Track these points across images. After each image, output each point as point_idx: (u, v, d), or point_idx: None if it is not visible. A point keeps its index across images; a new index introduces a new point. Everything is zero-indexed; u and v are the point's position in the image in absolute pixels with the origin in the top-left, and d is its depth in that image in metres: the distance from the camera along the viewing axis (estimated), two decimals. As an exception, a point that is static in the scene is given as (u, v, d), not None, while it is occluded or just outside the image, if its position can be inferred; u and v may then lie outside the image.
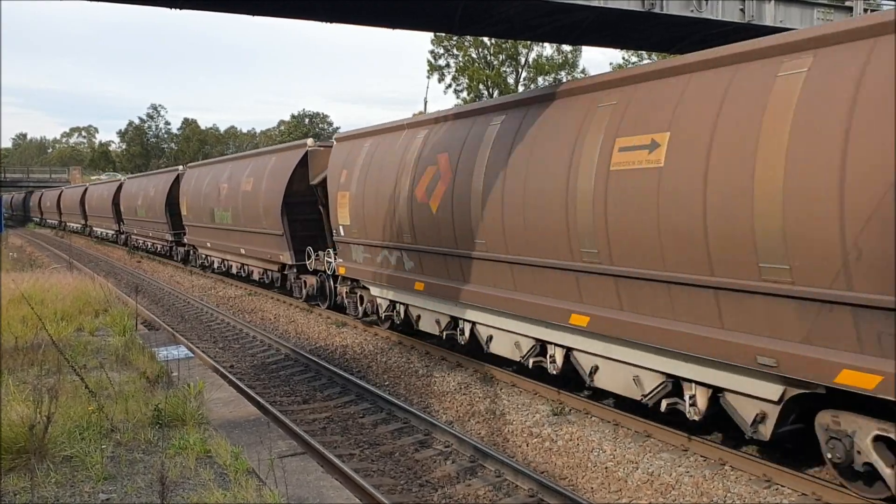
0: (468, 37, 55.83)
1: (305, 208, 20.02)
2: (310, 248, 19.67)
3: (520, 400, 11.55)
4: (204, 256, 29.36)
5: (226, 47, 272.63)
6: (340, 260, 17.66)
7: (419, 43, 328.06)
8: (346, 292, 17.84)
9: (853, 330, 6.89)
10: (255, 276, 24.14)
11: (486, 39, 58.43)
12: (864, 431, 7.25)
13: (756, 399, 8.10)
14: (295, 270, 20.82)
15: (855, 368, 6.87)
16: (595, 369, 10.32)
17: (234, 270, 26.23)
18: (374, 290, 16.34)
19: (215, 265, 28.28)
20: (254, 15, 12.62)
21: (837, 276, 6.87)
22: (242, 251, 24.14)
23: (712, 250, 7.98)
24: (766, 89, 7.62)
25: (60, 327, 13.90)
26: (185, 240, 31.11)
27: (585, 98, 10.32)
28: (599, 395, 11.18)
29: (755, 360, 7.69)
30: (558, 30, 14.33)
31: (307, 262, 19.69)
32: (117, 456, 7.72)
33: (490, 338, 12.55)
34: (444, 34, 56.03)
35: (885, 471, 7.08)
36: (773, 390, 7.87)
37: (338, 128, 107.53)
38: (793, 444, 8.86)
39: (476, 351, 13.26)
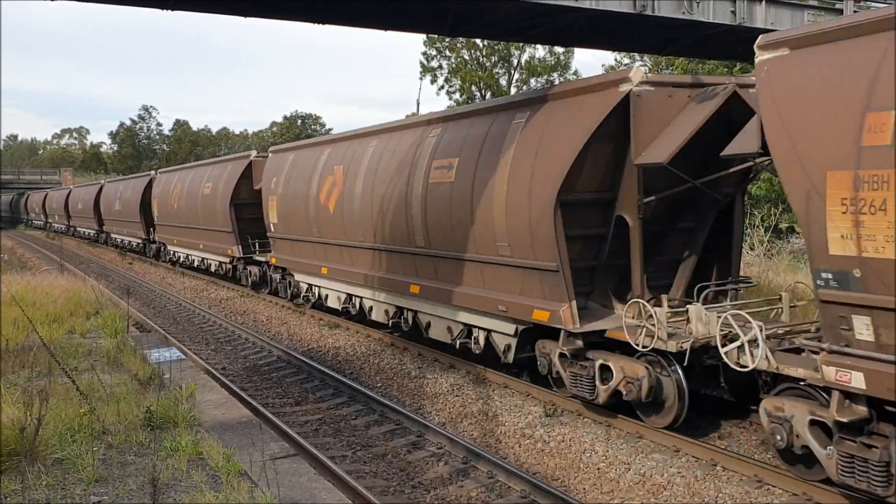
0: (460, 38, 55.88)
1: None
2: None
3: (512, 401, 11.56)
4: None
5: (218, 49, 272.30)
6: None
7: (413, 44, 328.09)
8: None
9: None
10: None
11: (478, 41, 58.48)
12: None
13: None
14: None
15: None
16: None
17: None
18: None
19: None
20: (246, 16, 12.59)
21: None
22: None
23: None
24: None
25: (51, 329, 13.85)
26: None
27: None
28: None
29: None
30: (550, 31, 14.35)
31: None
32: (109, 458, 7.70)
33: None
34: (436, 36, 56.07)
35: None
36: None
37: (330, 129, 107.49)
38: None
39: (460, 352, 13.28)
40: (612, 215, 10.64)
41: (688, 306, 9.40)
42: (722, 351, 8.51)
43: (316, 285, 18.92)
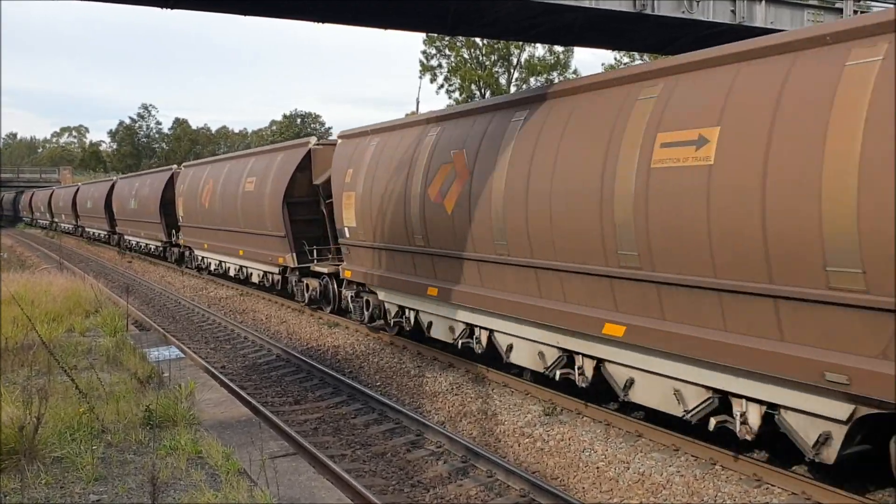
0: (460, 37, 55.86)
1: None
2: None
3: (511, 400, 11.57)
4: (200, 258, 28.84)
5: (218, 47, 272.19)
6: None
7: (412, 44, 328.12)
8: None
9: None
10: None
11: (477, 40, 58.48)
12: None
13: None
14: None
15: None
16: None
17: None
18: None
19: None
20: (246, 15, 12.61)
21: None
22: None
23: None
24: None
25: (51, 328, 13.84)
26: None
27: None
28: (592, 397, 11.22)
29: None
30: (550, 31, 14.36)
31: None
32: (108, 457, 7.70)
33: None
34: (436, 35, 56.05)
35: None
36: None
37: (329, 128, 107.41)
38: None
39: (473, 353, 13.25)
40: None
41: None
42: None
43: (413, 308, 14.70)
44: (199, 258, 28.89)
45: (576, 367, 10.49)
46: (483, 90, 60.87)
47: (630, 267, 9.05)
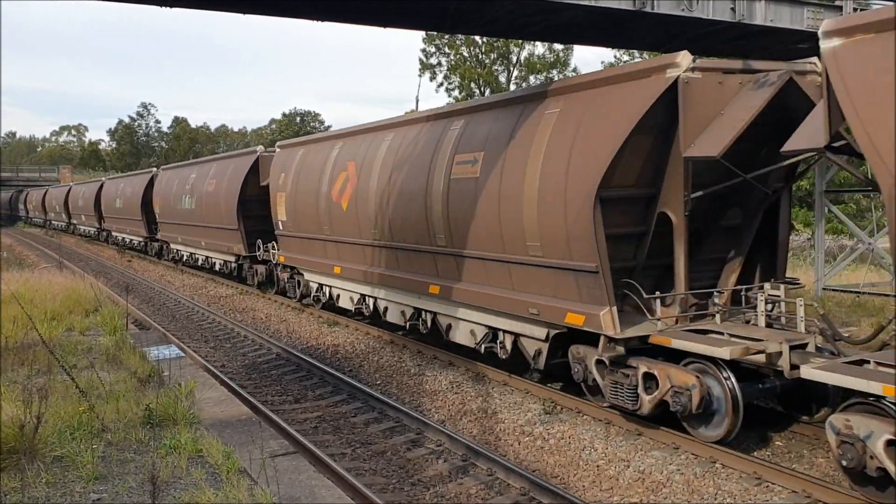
0: (460, 36, 55.84)
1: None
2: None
3: (511, 399, 11.57)
4: (175, 251, 32.15)
5: (218, 46, 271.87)
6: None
7: (412, 42, 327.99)
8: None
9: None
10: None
11: (477, 38, 58.45)
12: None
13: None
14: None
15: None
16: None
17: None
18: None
19: (184, 258, 30.99)
20: (245, 13, 12.58)
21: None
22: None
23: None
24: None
25: (51, 327, 13.85)
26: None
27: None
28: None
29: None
30: (549, 29, 14.34)
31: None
32: (108, 456, 7.70)
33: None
34: (435, 33, 56.03)
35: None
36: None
37: (329, 126, 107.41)
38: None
39: (447, 344, 13.28)
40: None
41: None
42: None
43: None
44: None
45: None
46: (483, 88, 60.86)
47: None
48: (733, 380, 8.74)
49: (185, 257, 30.84)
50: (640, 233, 10.21)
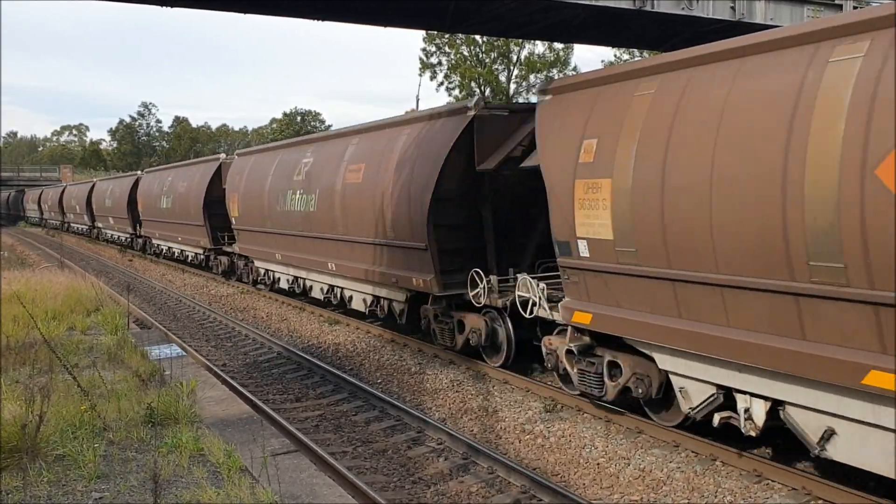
0: (460, 35, 55.82)
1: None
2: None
3: (512, 397, 11.58)
4: (156, 245, 35.44)
5: (218, 46, 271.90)
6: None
7: (412, 41, 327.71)
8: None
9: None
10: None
11: (477, 37, 58.42)
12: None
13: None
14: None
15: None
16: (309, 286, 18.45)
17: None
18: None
19: (163, 251, 34.37)
20: (246, 13, 12.62)
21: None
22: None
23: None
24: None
25: (52, 326, 13.86)
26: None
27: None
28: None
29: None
30: (549, 27, 14.37)
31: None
32: (110, 454, 7.72)
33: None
34: (436, 32, 56.02)
35: None
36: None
37: (330, 125, 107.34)
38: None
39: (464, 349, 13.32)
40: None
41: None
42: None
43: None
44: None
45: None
46: (483, 87, 60.85)
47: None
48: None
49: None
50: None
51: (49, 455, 7.45)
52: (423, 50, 62.60)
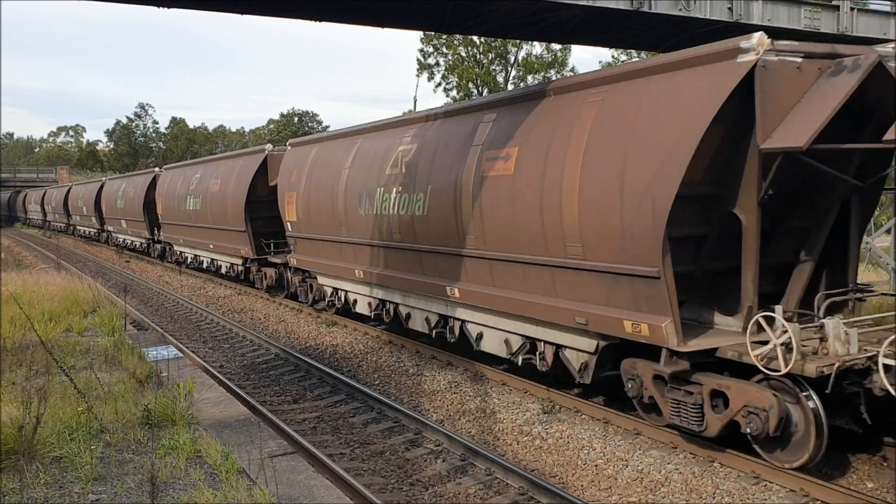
0: (457, 35, 55.82)
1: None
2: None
3: (510, 398, 11.57)
4: (178, 252, 31.65)
5: (215, 46, 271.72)
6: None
7: (409, 42, 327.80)
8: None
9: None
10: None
11: (475, 38, 58.43)
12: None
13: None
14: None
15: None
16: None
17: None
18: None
19: (188, 260, 30.22)
20: (243, 14, 12.60)
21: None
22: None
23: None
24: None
25: (49, 328, 13.83)
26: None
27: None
28: (590, 393, 11.24)
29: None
30: (547, 28, 14.37)
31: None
32: (107, 456, 7.70)
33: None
34: (433, 33, 56.02)
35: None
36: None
37: (327, 126, 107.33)
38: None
39: (465, 348, 13.28)
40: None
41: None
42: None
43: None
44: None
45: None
46: (480, 88, 60.84)
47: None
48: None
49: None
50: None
51: (46, 457, 7.43)
52: (421, 51, 62.57)
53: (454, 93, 61.79)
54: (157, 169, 36.66)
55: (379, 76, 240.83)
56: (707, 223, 9.07)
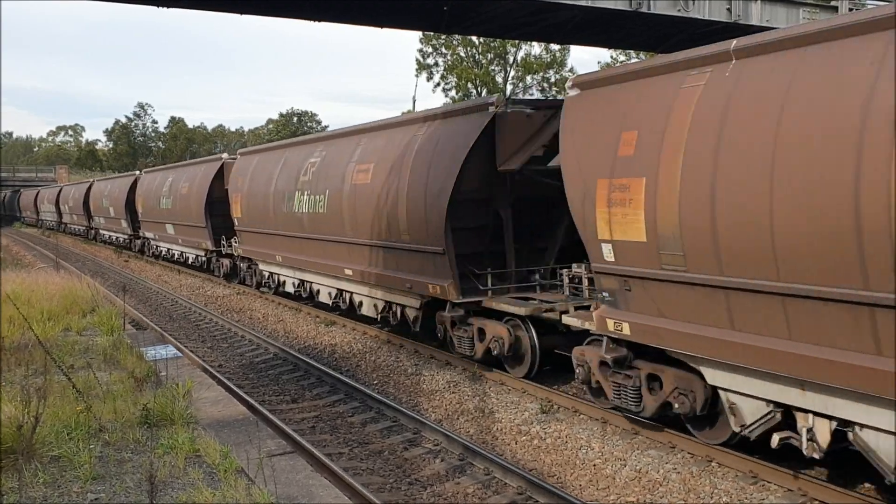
0: (456, 36, 55.82)
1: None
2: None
3: (508, 398, 11.58)
4: (155, 246, 35.08)
5: (212, 46, 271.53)
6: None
7: (408, 42, 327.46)
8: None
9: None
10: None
11: (474, 38, 58.44)
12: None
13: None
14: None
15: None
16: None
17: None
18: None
19: (162, 253, 33.85)
20: (242, 13, 12.62)
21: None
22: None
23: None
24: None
25: (47, 327, 13.83)
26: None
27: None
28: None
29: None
30: (546, 28, 14.40)
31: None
32: (106, 456, 7.70)
33: (318, 291, 18.43)
34: (432, 33, 56.03)
35: None
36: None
37: (326, 126, 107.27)
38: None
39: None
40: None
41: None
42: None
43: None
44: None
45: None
46: (479, 88, 60.85)
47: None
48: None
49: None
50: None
51: (45, 456, 7.43)
52: (420, 51, 62.61)
53: (453, 93, 61.82)
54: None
55: (377, 76, 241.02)
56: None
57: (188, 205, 27.73)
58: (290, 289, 20.10)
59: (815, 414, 7.32)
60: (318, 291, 18.35)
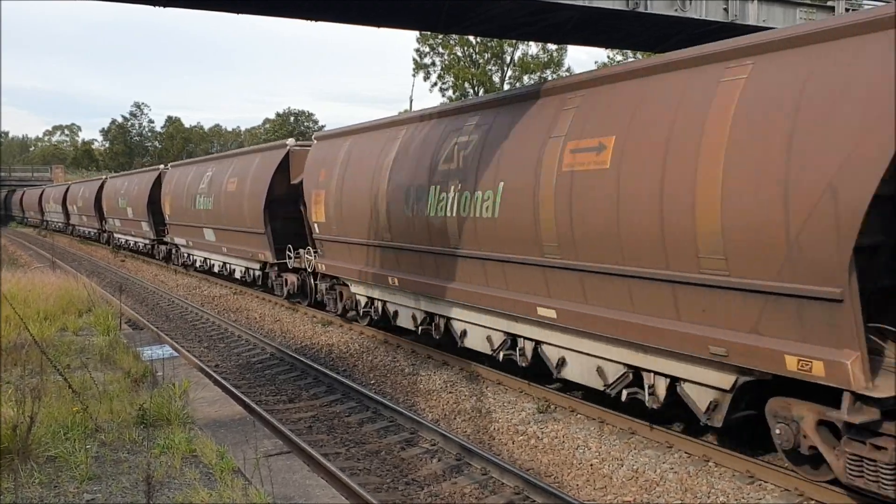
0: (454, 35, 55.83)
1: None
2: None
3: (505, 398, 11.58)
4: (186, 255, 29.73)
5: (212, 46, 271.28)
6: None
7: (405, 42, 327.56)
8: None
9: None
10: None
11: (471, 38, 58.45)
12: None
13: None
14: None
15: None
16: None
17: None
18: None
19: (197, 263, 28.53)
20: (239, 13, 12.59)
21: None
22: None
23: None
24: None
25: (43, 327, 13.81)
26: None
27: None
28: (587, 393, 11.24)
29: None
30: (544, 29, 14.38)
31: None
32: (102, 456, 7.69)
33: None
34: (429, 33, 56.02)
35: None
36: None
37: (323, 126, 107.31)
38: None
39: (457, 348, 13.28)
40: None
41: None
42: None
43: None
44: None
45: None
46: (476, 88, 60.86)
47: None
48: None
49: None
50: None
51: (41, 456, 7.42)
52: (417, 50, 62.60)
53: (450, 92, 61.83)
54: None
55: (376, 76, 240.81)
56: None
57: (238, 205, 21.92)
58: (405, 322, 14.59)
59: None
60: (466, 333, 12.68)
